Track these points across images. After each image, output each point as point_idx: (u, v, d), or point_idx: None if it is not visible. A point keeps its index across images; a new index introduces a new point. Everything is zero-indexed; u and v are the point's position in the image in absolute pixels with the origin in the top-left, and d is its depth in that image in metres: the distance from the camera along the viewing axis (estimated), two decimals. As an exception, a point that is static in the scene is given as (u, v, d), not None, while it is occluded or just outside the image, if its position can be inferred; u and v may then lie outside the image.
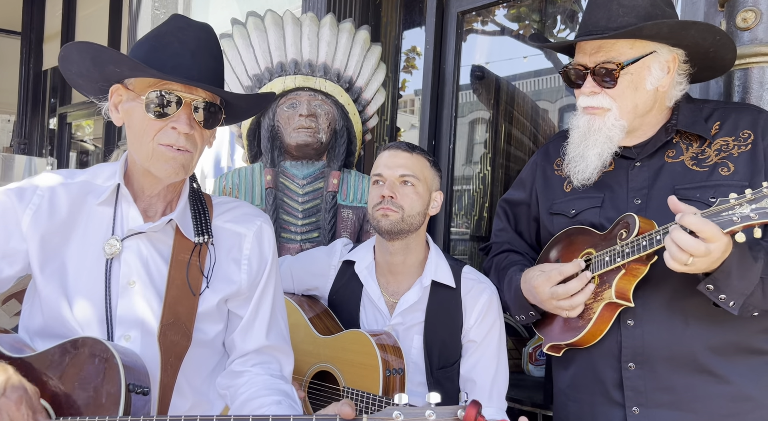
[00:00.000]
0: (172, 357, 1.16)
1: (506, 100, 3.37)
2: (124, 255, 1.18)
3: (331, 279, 1.68)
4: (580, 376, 1.42)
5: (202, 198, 1.28)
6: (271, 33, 2.13)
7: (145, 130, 1.14)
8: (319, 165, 2.11)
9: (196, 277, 1.20)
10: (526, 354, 2.65)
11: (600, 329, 1.31)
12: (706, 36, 1.29)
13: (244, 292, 1.25)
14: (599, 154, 1.36)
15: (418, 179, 1.55)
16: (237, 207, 1.32)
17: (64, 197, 1.20)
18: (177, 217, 1.21)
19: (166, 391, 1.16)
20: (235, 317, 1.28)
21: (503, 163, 3.32)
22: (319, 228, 2.07)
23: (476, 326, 1.55)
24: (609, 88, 1.32)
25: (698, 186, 1.28)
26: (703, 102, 1.41)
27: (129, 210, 1.20)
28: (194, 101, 1.15)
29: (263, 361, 1.28)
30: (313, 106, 2.05)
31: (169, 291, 1.18)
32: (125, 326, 1.16)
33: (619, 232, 1.28)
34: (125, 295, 1.17)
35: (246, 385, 1.24)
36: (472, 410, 0.89)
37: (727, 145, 1.31)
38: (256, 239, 1.28)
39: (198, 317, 1.20)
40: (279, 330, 1.32)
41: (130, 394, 1.04)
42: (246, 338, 1.27)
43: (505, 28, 3.43)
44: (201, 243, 1.21)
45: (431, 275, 1.57)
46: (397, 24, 3.02)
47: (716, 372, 1.27)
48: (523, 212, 1.63)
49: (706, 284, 1.17)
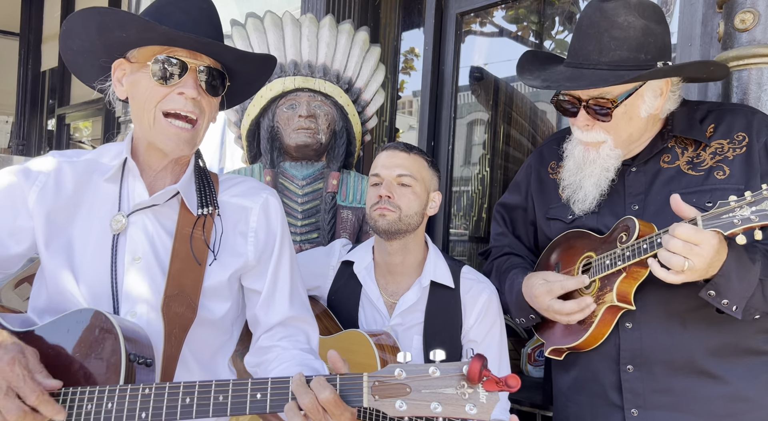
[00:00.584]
0: (176, 328, 1.16)
1: (505, 101, 3.37)
2: (130, 231, 1.18)
3: (330, 279, 1.68)
4: (579, 378, 1.43)
5: (208, 174, 1.28)
6: (271, 34, 2.13)
7: (149, 98, 1.15)
8: (318, 166, 2.11)
9: (201, 248, 1.20)
10: (525, 355, 2.65)
11: (602, 332, 1.31)
12: (701, 69, 1.32)
13: (251, 264, 1.25)
14: (596, 184, 1.37)
15: (416, 179, 1.55)
16: (243, 182, 1.33)
17: (70, 175, 1.21)
18: (181, 188, 1.21)
19: (169, 362, 1.15)
20: (253, 293, 1.28)
21: (502, 164, 3.32)
22: (319, 229, 2.07)
23: (476, 325, 1.55)
24: (604, 122, 1.32)
25: (694, 190, 1.28)
26: (697, 104, 1.41)
27: (135, 185, 1.21)
28: (199, 67, 1.16)
29: (290, 334, 1.28)
30: (313, 107, 2.05)
31: (173, 263, 1.18)
32: (131, 301, 1.16)
33: (619, 235, 1.29)
34: (131, 270, 1.17)
35: (276, 360, 1.23)
36: (476, 364, 0.86)
37: (722, 148, 1.31)
38: (262, 211, 1.28)
39: (205, 292, 1.20)
40: (301, 300, 1.32)
41: (132, 364, 1.04)
42: (269, 311, 1.27)
43: (503, 29, 3.44)
44: (205, 215, 1.22)
45: (430, 275, 1.57)
46: (396, 25, 3.02)
47: (714, 373, 1.27)
48: (519, 216, 1.63)
49: (708, 290, 1.17)
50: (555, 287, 1.34)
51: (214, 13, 1.23)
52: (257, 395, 0.97)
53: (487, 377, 0.87)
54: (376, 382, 0.91)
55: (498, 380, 0.87)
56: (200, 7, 1.19)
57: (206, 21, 1.19)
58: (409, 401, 0.88)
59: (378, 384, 0.91)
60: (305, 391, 0.94)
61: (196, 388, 0.99)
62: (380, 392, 0.90)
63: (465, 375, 0.87)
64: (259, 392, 0.97)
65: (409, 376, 0.90)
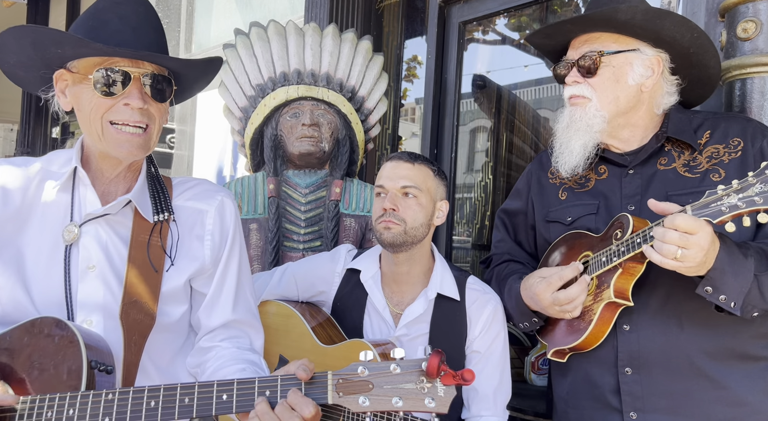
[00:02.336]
0: (135, 335, 1.15)
1: (507, 109, 3.38)
2: (83, 240, 1.17)
3: (335, 286, 1.67)
4: (578, 383, 1.43)
5: (161, 179, 1.27)
6: (274, 43, 2.14)
7: (94, 110, 1.12)
8: (321, 174, 2.12)
9: (158, 255, 1.19)
10: (529, 363, 2.64)
11: (602, 330, 1.31)
12: (683, 31, 1.32)
13: (208, 268, 1.25)
14: (583, 145, 1.40)
15: (421, 190, 1.54)
16: (197, 184, 1.31)
17: (18, 184, 1.18)
18: (134, 197, 1.20)
19: (130, 369, 1.15)
20: (199, 295, 1.27)
21: (504, 171, 3.32)
22: (322, 237, 2.07)
23: (480, 336, 1.55)
24: (590, 78, 1.37)
25: (690, 192, 1.30)
26: (694, 113, 1.44)
27: (86, 194, 1.19)
28: (143, 75, 1.13)
29: (232, 335, 1.28)
30: (316, 116, 2.06)
31: (130, 271, 1.17)
32: (86, 310, 1.15)
33: (614, 232, 1.30)
34: (85, 279, 1.16)
35: (213, 359, 1.23)
36: (434, 360, 0.90)
37: (718, 153, 1.33)
38: (218, 213, 1.27)
39: (162, 298, 1.19)
40: (247, 305, 1.31)
41: (93, 371, 1.03)
42: (211, 314, 1.26)
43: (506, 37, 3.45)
44: (161, 221, 1.21)
45: (436, 287, 1.57)
46: (399, 34, 3.04)
47: (712, 377, 1.27)
48: (520, 221, 1.64)
49: (704, 286, 1.17)
50: (553, 280, 1.34)
51: (153, 16, 1.20)
52: (223, 396, 0.98)
53: (444, 371, 0.91)
54: (340, 380, 0.95)
55: (455, 374, 0.91)
56: (137, 11, 1.16)
57: (146, 26, 1.16)
58: (372, 397, 0.92)
59: (342, 382, 0.94)
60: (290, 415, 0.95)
61: (161, 391, 0.99)
62: (344, 389, 0.94)
63: (424, 371, 0.92)
64: (225, 393, 0.98)
65: (371, 373, 0.93)
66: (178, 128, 4.45)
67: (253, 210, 2.08)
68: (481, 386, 1.54)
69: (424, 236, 1.56)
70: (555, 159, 1.46)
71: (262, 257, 2.04)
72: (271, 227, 2.04)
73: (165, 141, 4.44)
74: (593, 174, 1.47)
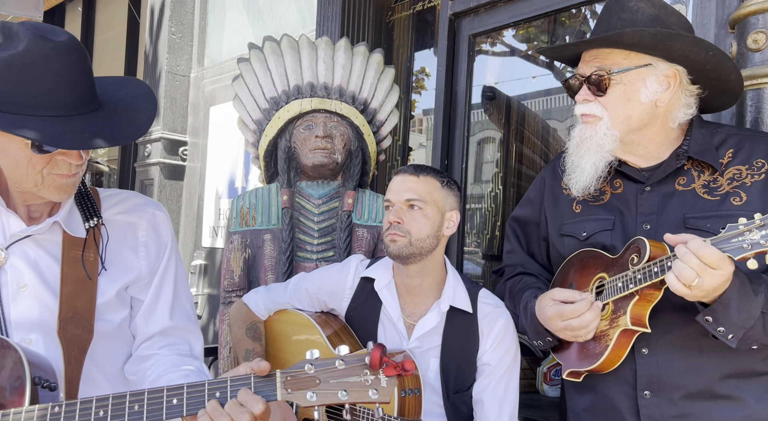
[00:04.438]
0: (75, 350, 1.15)
1: (517, 119, 3.40)
2: (11, 261, 1.15)
3: (347, 298, 1.68)
4: (595, 402, 1.41)
5: (89, 194, 1.25)
6: (288, 57, 2.18)
7: (31, 164, 1.08)
8: (334, 185, 2.14)
9: (92, 261, 1.19)
10: (541, 374, 2.63)
11: (618, 355, 1.29)
12: (696, 50, 1.26)
13: (144, 277, 1.26)
14: (594, 165, 1.36)
15: (426, 202, 1.54)
16: (126, 199, 1.31)
17: None
18: (62, 219, 1.19)
19: (72, 384, 1.14)
20: (137, 302, 1.28)
21: (515, 182, 3.33)
22: (335, 247, 2.09)
23: (491, 350, 1.55)
24: (601, 97, 1.32)
25: (709, 215, 1.26)
26: (716, 127, 1.38)
27: (9, 218, 1.16)
28: None
29: (170, 342, 1.28)
30: (329, 128, 2.09)
31: (64, 287, 1.16)
32: (23, 330, 1.14)
33: (630, 257, 1.27)
34: (17, 299, 1.14)
35: (153, 367, 1.23)
36: (376, 353, 0.95)
37: (740, 174, 1.28)
38: (150, 225, 1.29)
39: (99, 309, 1.19)
40: (184, 311, 1.32)
41: (36, 387, 1.02)
42: (149, 321, 1.27)
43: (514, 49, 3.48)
44: (92, 227, 1.20)
45: (449, 300, 1.57)
46: (409, 46, 3.08)
47: (732, 396, 1.26)
48: (532, 231, 1.62)
49: (705, 316, 1.16)
50: (566, 311, 1.32)
51: (84, 60, 1.09)
52: (173, 400, 0.99)
53: (387, 363, 0.96)
54: (288, 377, 0.99)
55: (396, 365, 0.97)
56: (69, 63, 1.05)
57: (78, 76, 1.07)
58: (319, 392, 0.97)
59: (290, 379, 0.98)
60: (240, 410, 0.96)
61: (110, 400, 0.99)
62: (292, 386, 0.98)
63: (367, 364, 0.97)
64: (175, 397, 0.99)
65: (318, 369, 0.98)
66: (191, 141, 4.50)
67: (267, 221, 2.11)
68: (488, 397, 1.54)
69: (433, 248, 1.56)
70: (567, 177, 1.44)
71: (276, 268, 2.06)
72: (285, 238, 2.06)
73: (178, 154, 4.49)
74: (608, 187, 1.43)
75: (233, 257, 2.09)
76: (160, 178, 4.39)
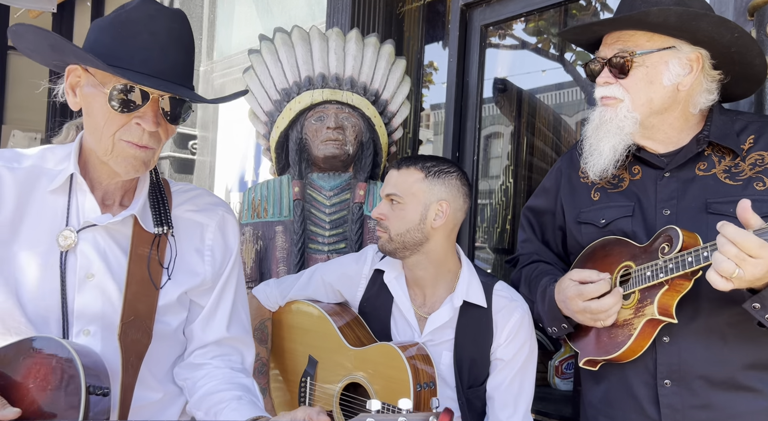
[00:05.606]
0: (132, 357, 1.12)
1: (528, 112, 3.38)
2: (81, 247, 1.11)
3: (362, 288, 1.68)
4: (613, 391, 1.40)
5: (162, 188, 1.22)
6: (299, 48, 2.17)
7: (107, 124, 1.07)
8: (345, 177, 2.13)
9: (157, 270, 1.16)
10: (552, 368, 2.62)
11: (641, 345, 1.28)
12: (722, 31, 1.24)
13: (208, 283, 1.23)
14: (613, 147, 1.34)
15: (404, 196, 1.53)
16: (197, 196, 1.28)
17: (11, 186, 1.10)
18: (137, 211, 1.15)
19: (127, 391, 1.11)
20: (196, 306, 1.24)
21: (526, 174, 3.31)
22: (346, 239, 2.09)
23: (505, 345, 1.53)
24: (622, 79, 1.30)
25: (732, 200, 1.24)
26: (737, 114, 1.37)
27: (85, 200, 1.13)
28: (162, 96, 1.08)
29: (224, 353, 1.26)
30: (341, 119, 2.08)
31: (129, 287, 1.12)
32: (84, 320, 1.11)
33: (660, 245, 1.25)
34: (83, 289, 1.10)
35: (205, 378, 1.21)
36: (445, 418, 0.90)
37: (762, 160, 1.27)
38: (219, 229, 1.25)
39: (159, 311, 1.16)
40: (240, 322, 1.29)
41: (89, 396, 0.99)
42: (206, 329, 1.24)
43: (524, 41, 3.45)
44: (160, 234, 1.17)
45: (463, 295, 1.55)
46: (419, 38, 3.06)
47: (755, 388, 1.24)
48: (548, 220, 1.61)
49: (753, 303, 1.13)
50: (587, 291, 1.30)
51: (186, 33, 1.12)
52: None
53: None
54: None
55: None
56: (170, 28, 1.08)
57: (176, 44, 1.09)
58: None
59: None
60: None
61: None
62: None
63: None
64: None
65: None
66: (200, 134, 4.51)
67: (278, 213, 2.10)
68: (502, 394, 1.53)
69: (420, 241, 1.54)
70: (584, 160, 1.42)
71: (288, 259, 2.06)
72: (297, 229, 2.06)
73: (187, 147, 4.50)
74: (627, 174, 1.42)
75: (245, 248, 2.09)
76: (170, 172, 4.40)
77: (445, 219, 1.55)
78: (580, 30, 1.42)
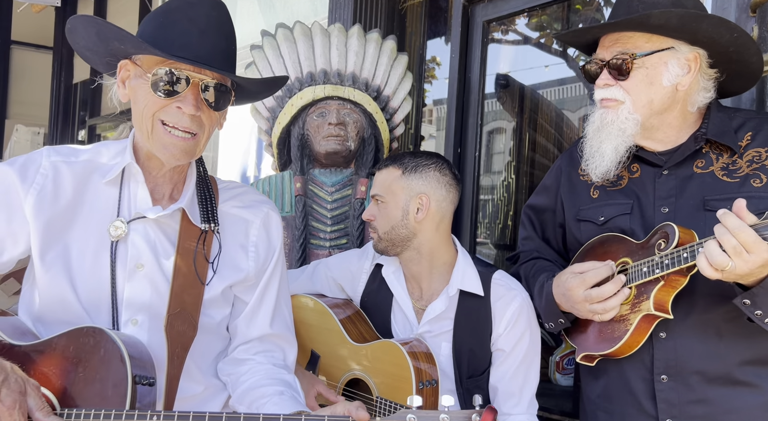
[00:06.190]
0: (178, 348, 1.15)
1: (531, 108, 3.37)
2: (131, 237, 1.15)
3: (363, 283, 1.69)
4: (611, 386, 1.41)
5: (209, 183, 1.25)
6: (301, 44, 2.17)
7: (147, 107, 1.11)
8: (347, 173, 2.14)
9: (203, 265, 1.18)
10: (553, 363, 2.63)
11: (637, 340, 1.29)
12: (722, 32, 1.25)
13: (251, 279, 1.25)
14: (615, 149, 1.35)
15: (384, 195, 1.57)
16: (243, 193, 1.31)
17: (68, 178, 1.16)
18: (186, 205, 1.19)
19: (172, 382, 1.14)
20: (240, 303, 1.27)
21: (527, 170, 3.31)
22: (348, 235, 2.09)
23: (505, 334, 1.53)
24: (623, 81, 1.31)
25: (729, 197, 1.24)
26: (734, 111, 1.38)
27: (137, 190, 1.17)
28: (203, 81, 1.11)
29: (266, 349, 1.28)
30: (342, 115, 2.09)
31: (176, 279, 1.15)
32: (132, 309, 1.14)
33: (657, 242, 1.26)
34: (133, 278, 1.14)
35: (248, 373, 1.23)
36: (488, 416, 0.89)
37: (760, 157, 1.28)
38: (263, 225, 1.27)
39: (204, 304, 1.19)
40: (283, 319, 1.31)
41: (136, 386, 1.02)
42: (250, 325, 1.26)
43: (527, 37, 3.44)
44: (206, 231, 1.19)
45: (458, 284, 1.56)
46: (421, 34, 3.05)
47: (751, 383, 1.25)
48: (548, 218, 1.62)
49: (743, 298, 1.15)
50: (588, 276, 1.31)
51: (225, 21, 1.16)
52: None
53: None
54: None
55: None
56: (208, 14, 1.12)
57: (215, 31, 1.13)
58: None
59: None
60: None
61: (206, 418, 0.98)
62: None
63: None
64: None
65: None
66: (202, 130, 4.51)
67: (280, 208, 2.11)
68: (506, 385, 1.53)
69: (408, 236, 1.55)
70: (585, 162, 1.43)
71: (290, 255, 2.07)
72: (299, 225, 2.07)
73: (189, 142, 4.50)
74: (626, 172, 1.43)
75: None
76: (173, 168, 4.41)
77: (428, 212, 1.55)
78: (578, 33, 1.42)
